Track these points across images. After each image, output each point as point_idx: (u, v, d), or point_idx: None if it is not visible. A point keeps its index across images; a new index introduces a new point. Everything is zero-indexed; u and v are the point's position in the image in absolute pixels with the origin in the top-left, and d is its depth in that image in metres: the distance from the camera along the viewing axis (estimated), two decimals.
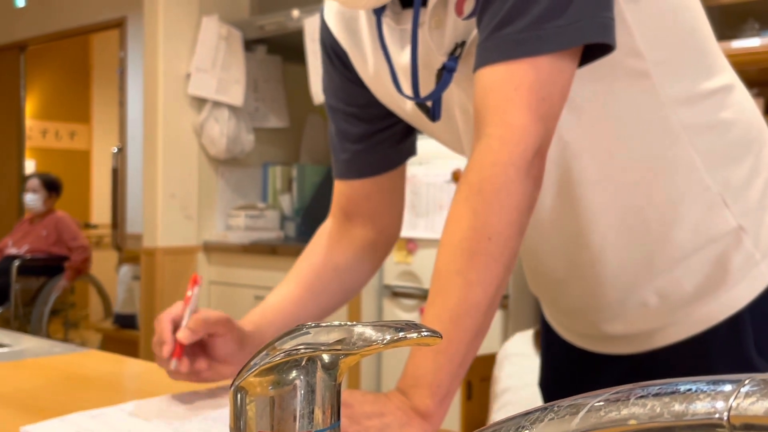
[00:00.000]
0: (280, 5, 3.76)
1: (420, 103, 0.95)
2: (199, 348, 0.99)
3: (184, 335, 0.94)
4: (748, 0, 2.60)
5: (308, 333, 0.35)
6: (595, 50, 0.82)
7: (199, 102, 3.77)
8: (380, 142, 1.08)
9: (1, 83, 6.13)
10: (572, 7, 0.79)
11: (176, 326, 0.96)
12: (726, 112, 0.93)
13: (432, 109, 0.94)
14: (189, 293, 0.99)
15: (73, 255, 5.45)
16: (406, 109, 1.01)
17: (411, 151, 1.11)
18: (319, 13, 1.09)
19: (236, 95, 3.74)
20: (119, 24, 5.40)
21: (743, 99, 0.97)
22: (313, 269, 1.08)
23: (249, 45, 3.84)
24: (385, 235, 1.12)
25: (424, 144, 1.29)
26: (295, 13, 3.43)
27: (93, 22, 5.51)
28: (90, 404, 0.97)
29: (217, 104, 3.74)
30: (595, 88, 0.88)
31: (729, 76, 0.96)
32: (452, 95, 0.94)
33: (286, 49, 3.90)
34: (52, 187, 5.49)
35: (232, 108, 3.76)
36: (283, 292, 1.07)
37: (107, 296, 5.70)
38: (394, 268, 3.12)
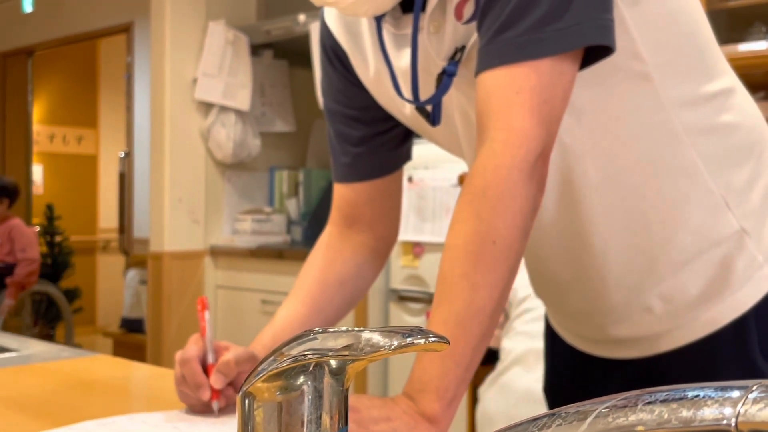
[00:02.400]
0: (286, 10, 3.77)
1: (420, 108, 0.96)
2: None
3: (217, 381, 0.94)
4: (755, 3, 2.60)
5: (315, 339, 0.35)
6: (595, 52, 0.83)
7: (206, 107, 3.78)
8: (380, 145, 1.08)
9: (9, 88, 6.15)
10: (572, 10, 0.79)
11: (202, 363, 0.96)
12: (727, 115, 0.93)
13: (432, 113, 0.95)
14: (203, 321, 0.99)
15: (18, 268, 4.98)
16: (405, 113, 1.01)
17: (408, 155, 1.12)
18: (320, 14, 1.09)
19: (243, 100, 3.75)
20: (126, 29, 5.41)
21: (744, 102, 0.97)
22: (317, 285, 1.07)
23: (256, 50, 3.84)
24: (385, 242, 1.12)
25: (430, 148, 1.29)
26: (302, 17, 3.44)
27: (100, 27, 5.52)
28: (97, 409, 0.98)
29: (223, 109, 3.75)
30: (595, 91, 0.88)
31: (730, 79, 0.96)
32: (452, 100, 0.94)
33: (293, 53, 3.90)
34: (3, 192, 5.00)
35: (238, 112, 3.76)
36: (290, 311, 1.06)
37: (67, 309, 5.51)
38: (400, 272, 3.12)
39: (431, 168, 2.97)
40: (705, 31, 0.93)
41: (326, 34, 1.06)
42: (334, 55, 1.06)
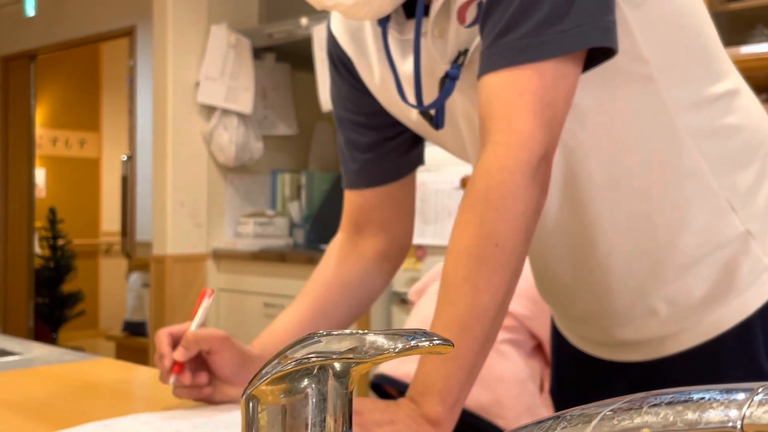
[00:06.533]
0: (288, 13, 3.77)
1: (424, 112, 0.96)
2: (202, 365, 1.00)
3: (178, 353, 0.97)
4: (757, 5, 2.59)
5: (320, 341, 0.35)
6: (598, 54, 0.83)
7: (208, 110, 3.78)
8: (389, 150, 1.08)
9: (12, 92, 6.16)
10: (574, 12, 0.79)
11: (175, 341, 0.98)
12: (732, 117, 0.93)
13: (435, 117, 0.95)
14: (197, 306, 1.00)
15: None
16: (411, 117, 1.01)
17: (419, 160, 1.12)
18: (326, 22, 1.10)
19: (245, 103, 3.75)
20: (129, 33, 5.42)
21: (750, 103, 0.97)
22: (323, 287, 1.08)
23: (258, 53, 3.85)
24: (397, 245, 1.12)
25: (432, 151, 1.29)
26: (304, 21, 3.44)
27: (102, 31, 5.53)
28: (100, 412, 0.98)
29: (226, 112, 3.75)
30: (599, 93, 0.88)
31: (735, 80, 0.96)
32: (456, 103, 0.94)
33: (295, 56, 3.90)
34: None
35: (241, 116, 3.77)
36: (293, 312, 1.07)
37: None
38: (402, 274, 3.11)
39: (433, 171, 2.97)
40: (709, 33, 0.93)
41: (332, 42, 1.07)
42: (340, 62, 1.06)
